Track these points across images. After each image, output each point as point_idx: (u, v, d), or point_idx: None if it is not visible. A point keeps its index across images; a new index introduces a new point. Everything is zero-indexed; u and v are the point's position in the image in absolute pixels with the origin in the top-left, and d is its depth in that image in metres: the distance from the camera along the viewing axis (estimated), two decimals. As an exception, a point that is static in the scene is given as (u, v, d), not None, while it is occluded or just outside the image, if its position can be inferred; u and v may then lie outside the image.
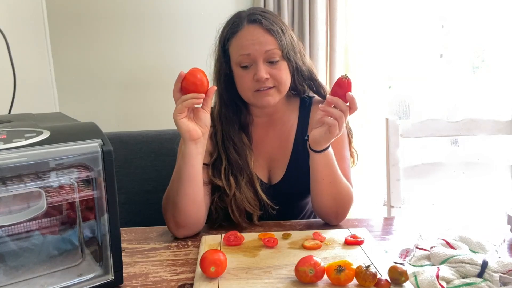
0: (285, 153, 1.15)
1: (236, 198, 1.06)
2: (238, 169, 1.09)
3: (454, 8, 2.34)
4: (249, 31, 1.05)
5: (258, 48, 1.04)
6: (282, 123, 1.18)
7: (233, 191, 1.07)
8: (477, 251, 0.85)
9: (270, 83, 1.06)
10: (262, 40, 1.04)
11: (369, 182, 2.14)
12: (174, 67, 2.09)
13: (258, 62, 1.04)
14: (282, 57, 1.06)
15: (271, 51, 1.04)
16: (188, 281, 0.81)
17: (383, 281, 0.74)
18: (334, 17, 2.01)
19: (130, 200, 1.39)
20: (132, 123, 2.10)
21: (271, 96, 1.07)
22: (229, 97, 1.13)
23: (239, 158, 1.10)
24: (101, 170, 0.73)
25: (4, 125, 0.76)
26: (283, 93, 1.10)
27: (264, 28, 1.05)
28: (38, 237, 0.76)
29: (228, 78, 1.11)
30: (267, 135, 1.17)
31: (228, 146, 1.11)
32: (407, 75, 2.46)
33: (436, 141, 2.28)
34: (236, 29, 1.07)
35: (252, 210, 1.08)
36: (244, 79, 1.06)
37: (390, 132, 1.33)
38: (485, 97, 2.41)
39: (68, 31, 2.03)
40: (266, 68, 1.05)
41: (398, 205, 1.32)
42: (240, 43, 1.06)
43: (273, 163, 1.16)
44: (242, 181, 1.08)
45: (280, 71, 1.06)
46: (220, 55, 1.12)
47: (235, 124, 1.13)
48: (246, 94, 1.09)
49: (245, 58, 1.05)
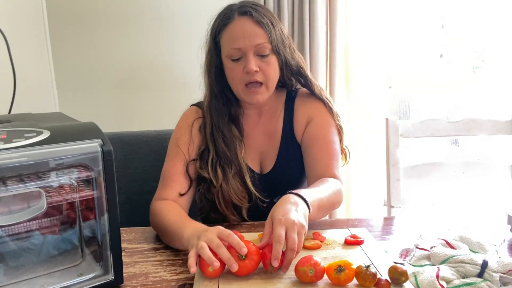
0: (275, 144, 1.17)
1: (222, 190, 1.08)
2: (226, 161, 1.10)
3: (454, 8, 2.34)
4: (239, 24, 1.07)
5: (249, 42, 1.05)
6: (271, 115, 1.20)
7: (220, 182, 1.08)
8: (477, 251, 0.85)
9: (259, 77, 1.07)
10: (252, 33, 1.06)
11: (369, 182, 2.14)
12: (174, 67, 2.09)
13: (248, 55, 1.06)
14: (271, 51, 1.08)
15: (261, 45, 1.06)
16: (188, 281, 0.81)
17: (383, 281, 0.74)
18: (334, 17, 2.00)
19: (130, 200, 1.39)
20: (132, 123, 2.10)
21: (260, 95, 1.09)
22: (219, 89, 1.14)
23: (227, 150, 1.11)
24: (101, 170, 0.73)
25: (4, 125, 0.76)
26: (271, 90, 1.12)
27: (254, 21, 1.06)
28: (38, 237, 0.76)
29: (218, 70, 1.13)
30: (257, 127, 1.19)
31: (217, 138, 1.12)
32: (407, 75, 2.46)
33: (436, 141, 2.28)
34: (227, 21, 1.09)
35: (239, 202, 1.08)
36: (235, 72, 1.08)
37: (390, 132, 1.33)
38: (485, 97, 2.40)
39: (68, 31, 2.03)
40: (256, 61, 1.06)
41: (398, 205, 1.32)
42: (231, 35, 1.08)
43: (264, 155, 1.18)
44: (230, 173, 1.09)
45: (269, 65, 1.08)
46: (211, 47, 1.14)
47: (225, 116, 1.14)
48: (236, 88, 1.11)
49: (236, 52, 1.07)
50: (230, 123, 1.14)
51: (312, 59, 2.01)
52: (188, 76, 2.04)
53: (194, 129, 1.15)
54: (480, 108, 2.43)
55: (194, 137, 1.14)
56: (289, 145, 1.16)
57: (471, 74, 2.45)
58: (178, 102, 1.33)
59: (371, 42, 2.05)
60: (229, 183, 1.08)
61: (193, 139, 1.14)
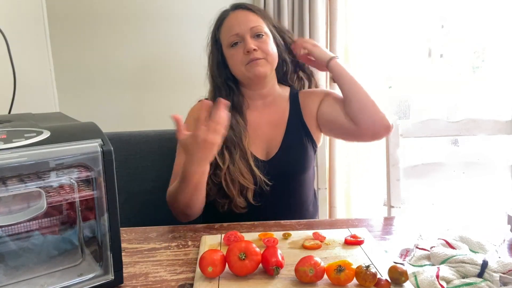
0: (280, 132, 1.22)
1: (229, 171, 1.13)
2: (232, 144, 1.15)
3: (454, 8, 2.34)
4: (234, 15, 1.19)
5: (244, 26, 1.15)
6: (276, 106, 1.25)
7: (227, 164, 1.13)
8: (477, 251, 0.85)
9: (259, 54, 1.15)
10: (247, 18, 1.17)
11: (369, 182, 2.14)
12: (174, 67, 2.09)
13: (246, 37, 1.15)
14: (267, 33, 1.18)
15: (255, 27, 1.16)
16: (188, 281, 0.81)
17: (383, 281, 0.74)
18: (334, 17, 2.01)
19: (130, 200, 1.38)
20: (132, 123, 2.10)
21: (262, 66, 1.15)
22: (222, 81, 1.21)
23: (233, 134, 1.16)
24: (101, 170, 0.73)
25: (4, 125, 0.76)
26: (272, 64, 1.19)
27: (248, 10, 1.19)
28: (38, 237, 0.76)
29: (220, 63, 1.21)
30: (262, 117, 1.24)
31: None
32: (407, 75, 2.46)
33: (436, 141, 2.28)
34: (223, 17, 1.20)
35: (245, 183, 1.13)
36: (236, 56, 1.16)
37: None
38: (485, 97, 2.40)
39: (68, 31, 2.03)
40: (253, 42, 1.15)
41: (398, 205, 1.32)
42: (227, 27, 1.18)
43: (269, 143, 1.22)
44: (236, 155, 1.14)
45: (266, 44, 1.17)
46: (212, 46, 1.23)
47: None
48: (239, 69, 1.17)
49: (234, 37, 1.16)
50: (234, 112, 1.19)
51: (312, 59, 2.01)
52: (188, 76, 2.05)
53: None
54: (480, 108, 2.43)
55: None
56: (294, 132, 1.22)
57: (471, 74, 2.45)
58: (178, 102, 1.34)
59: (371, 42, 2.05)
60: (235, 164, 1.13)
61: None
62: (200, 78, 1.28)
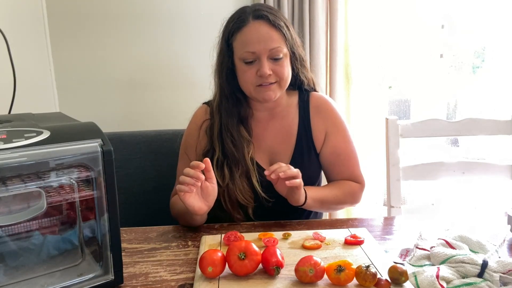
0: (288, 147, 1.17)
1: (229, 190, 1.10)
2: (233, 161, 1.11)
3: (455, 8, 2.34)
4: (254, 27, 1.06)
5: (263, 46, 1.05)
6: (282, 117, 1.19)
7: (226, 182, 1.09)
8: (477, 251, 0.85)
9: (272, 79, 1.08)
10: (268, 37, 1.06)
11: (369, 182, 2.13)
12: (174, 67, 2.09)
13: (262, 59, 1.06)
14: (285, 54, 1.09)
15: (275, 49, 1.06)
16: (188, 281, 0.81)
17: (383, 281, 0.74)
18: (334, 17, 2.01)
19: (130, 200, 1.39)
20: (132, 123, 2.09)
21: (272, 91, 1.09)
22: (230, 90, 1.14)
23: (235, 151, 1.12)
24: (101, 170, 0.73)
25: (4, 125, 0.76)
26: (284, 88, 1.13)
27: (270, 24, 1.06)
28: (38, 237, 0.76)
29: (230, 72, 1.13)
30: (268, 129, 1.19)
31: (225, 138, 1.13)
32: (407, 75, 2.46)
33: (436, 141, 2.28)
34: (242, 24, 1.08)
35: (245, 202, 1.10)
36: (247, 74, 1.08)
37: (390, 132, 1.33)
38: (485, 97, 2.41)
39: (68, 31, 2.02)
40: (269, 65, 1.06)
41: (398, 205, 1.32)
42: (245, 39, 1.07)
43: (275, 155, 1.18)
44: (237, 173, 1.10)
45: (283, 67, 1.08)
46: (223, 49, 1.13)
47: (235, 117, 1.15)
48: (248, 88, 1.11)
49: (250, 55, 1.06)
50: (239, 124, 1.15)
51: (312, 59, 2.01)
52: (188, 76, 2.04)
53: (202, 130, 1.17)
54: (480, 108, 2.43)
55: (201, 139, 1.17)
56: (304, 148, 1.17)
57: (471, 74, 2.45)
58: (178, 102, 1.34)
59: (371, 42, 2.05)
60: (235, 183, 1.09)
61: (200, 141, 1.17)
62: (200, 78, 1.27)
